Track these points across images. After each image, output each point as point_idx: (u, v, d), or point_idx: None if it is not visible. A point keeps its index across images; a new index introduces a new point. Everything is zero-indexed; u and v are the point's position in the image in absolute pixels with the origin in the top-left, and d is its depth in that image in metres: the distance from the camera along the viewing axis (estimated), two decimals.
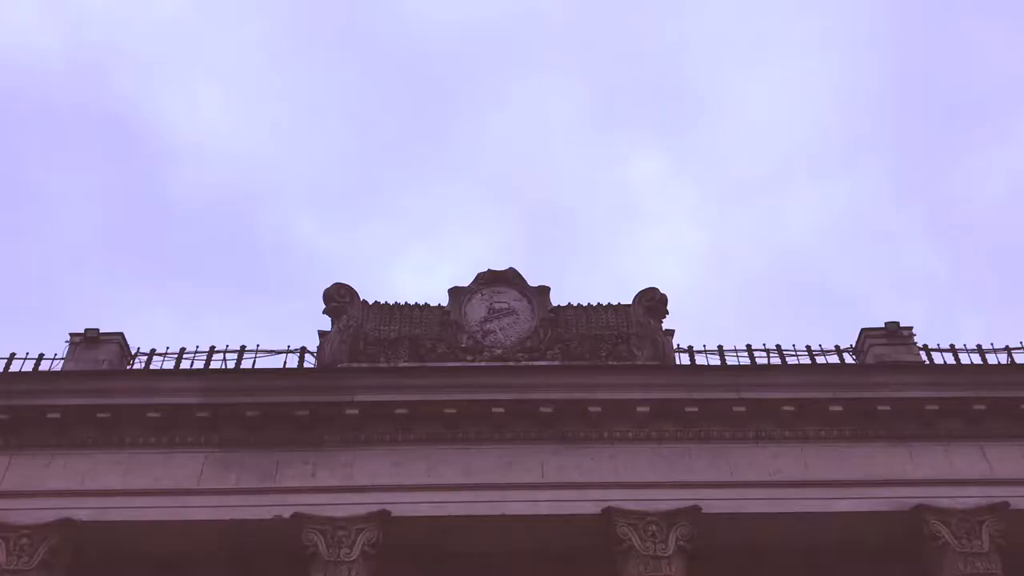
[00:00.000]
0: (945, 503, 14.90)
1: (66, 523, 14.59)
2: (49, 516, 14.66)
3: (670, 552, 14.42)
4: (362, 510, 14.82)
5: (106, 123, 59.46)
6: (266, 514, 14.92)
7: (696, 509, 14.84)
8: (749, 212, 58.52)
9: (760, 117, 58.13)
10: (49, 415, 15.60)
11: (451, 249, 55.58)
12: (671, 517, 14.74)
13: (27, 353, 16.78)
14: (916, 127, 60.17)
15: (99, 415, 15.62)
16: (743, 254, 57.67)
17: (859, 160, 58.83)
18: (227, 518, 14.95)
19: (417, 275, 52.82)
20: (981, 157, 57.52)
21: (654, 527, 14.65)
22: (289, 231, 58.37)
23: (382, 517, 14.75)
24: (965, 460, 15.50)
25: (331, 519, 14.65)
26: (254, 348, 17.01)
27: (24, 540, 14.37)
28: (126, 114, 59.46)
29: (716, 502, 15.06)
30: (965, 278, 57.32)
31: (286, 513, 14.82)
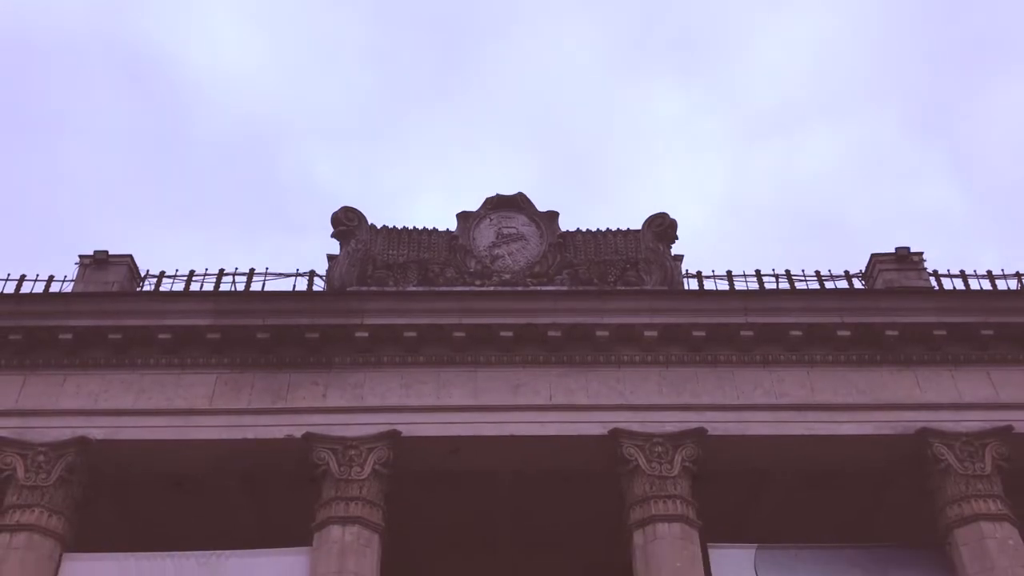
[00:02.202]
0: (949, 427, 15.03)
1: (81, 441, 14.80)
2: (65, 435, 14.88)
3: (676, 472, 14.62)
4: (372, 430, 15.01)
5: (127, 57, 59.22)
6: (278, 433, 15.12)
7: (702, 431, 15.00)
8: (768, 149, 58.17)
9: (782, 54, 57.37)
10: (61, 336, 15.70)
11: (468, 186, 55.55)
12: (677, 439, 14.92)
13: (37, 275, 16.86)
14: (935, 64, 59.32)
15: (111, 336, 15.71)
16: (760, 191, 57.51)
17: (878, 96, 58.18)
18: (239, 437, 15.14)
19: (433, 211, 53.08)
20: (1000, 93, 56.75)
21: (660, 448, 14.84)
22: (306, 167, 58.29)
23: (392, 437, 14.94)
24: (971, 384, 15.58)
25: (342, 439, 14.85)
26: (263, 271, 17.04)
27: (41, 457, 14.61)
28: (147, 49, 59.08)
29: (722, 424, 15.22)
30: (981, 212, 57.12)
31: (297, 433, 15.01)
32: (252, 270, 16.93)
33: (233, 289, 16.72)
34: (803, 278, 17.09)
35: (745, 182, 58.20)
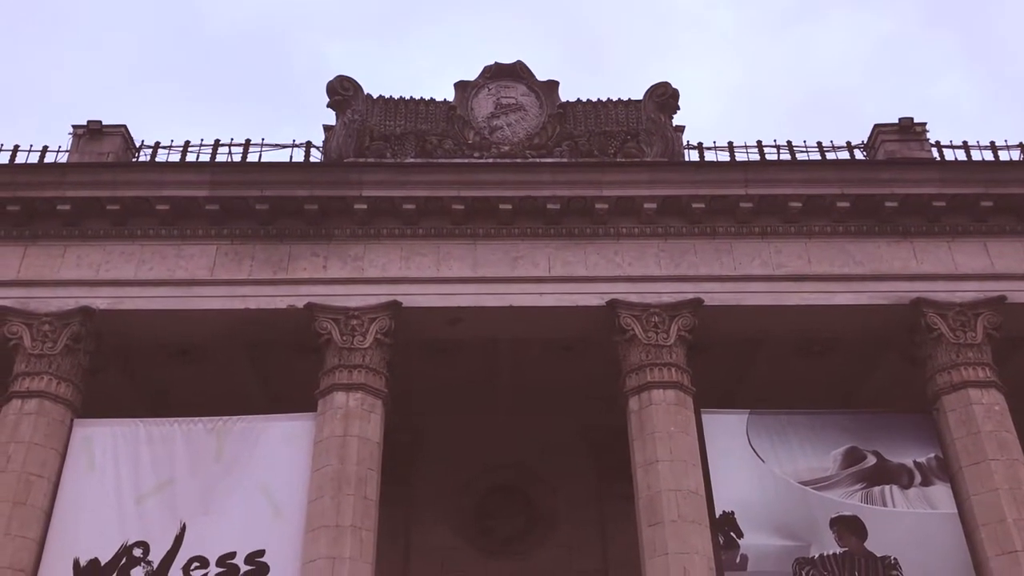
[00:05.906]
0: (943, 297, 15.19)
1: (84, 311, 14.95)
2: (68, 304, 15.01)
3: (671, 341, 14.85)
4: (374, 300, 15.15)
5: None
6: (280, 304, 15.26)
7: (698, 301, 15.16)
8: (784, 42, 56.78)
9: None
10: (59, 207, 15.62)
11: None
12: (673, 309, 15.10)
13: (31, 145, 16.67)
14: None
15: (108, 207, 15.65)
16: (775, 86, 56.44)
17: None
18: (241, 307, 15.28)
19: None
20: None
21: (656, 318, 15.03)
22: (316, 58, 56.79)
23: (394, 307, 15.10)
24: (967, 255, 15.63)
25: (344, 308, 15.02)
26: (259, 143, 16.82)
27: (46, 327, 14.79)
28: None
29: (718, 295, 15.36)
30: (995, 103, 56.20)
31: (299, 303, 15.17)
32: (248, 141, 16.71)
33: (229, 160, 16.55)
34: (804, 149, 16.90)
35: (761, 76, 57.09)
